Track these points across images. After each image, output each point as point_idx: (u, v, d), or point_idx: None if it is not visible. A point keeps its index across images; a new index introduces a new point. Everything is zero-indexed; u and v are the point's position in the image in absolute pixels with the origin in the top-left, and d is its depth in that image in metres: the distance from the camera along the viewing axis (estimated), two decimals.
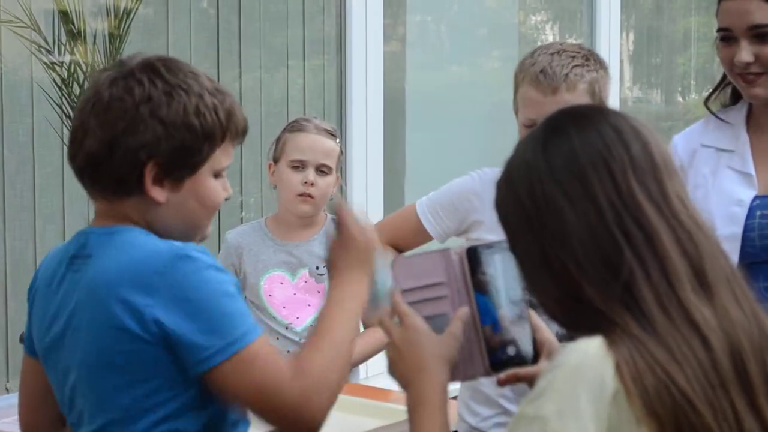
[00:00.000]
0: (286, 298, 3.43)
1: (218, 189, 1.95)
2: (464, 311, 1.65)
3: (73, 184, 2.01)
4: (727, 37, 2.54)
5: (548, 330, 1.70)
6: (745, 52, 2.50)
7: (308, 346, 1.88)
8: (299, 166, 3.40)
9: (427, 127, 4.93)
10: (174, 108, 1.87)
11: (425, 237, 2.86)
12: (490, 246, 1.67)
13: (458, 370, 1.63)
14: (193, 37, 4.21)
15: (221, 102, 1.91)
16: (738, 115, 2.65)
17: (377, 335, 3.39)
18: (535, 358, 1.69)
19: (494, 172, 2.83)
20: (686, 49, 7.20)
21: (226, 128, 1.92)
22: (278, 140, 3.48)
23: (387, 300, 2.16)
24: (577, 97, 2.62)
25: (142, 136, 1.85)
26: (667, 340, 1.43)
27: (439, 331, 1.64)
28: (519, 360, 1.67)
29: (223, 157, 1.94)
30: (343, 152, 3.54)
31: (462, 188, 2.82)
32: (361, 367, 3.77)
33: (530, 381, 1.67)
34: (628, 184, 1.50)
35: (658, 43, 7.08)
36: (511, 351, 1.65)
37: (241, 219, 4.30)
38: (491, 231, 2.76)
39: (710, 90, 2.74)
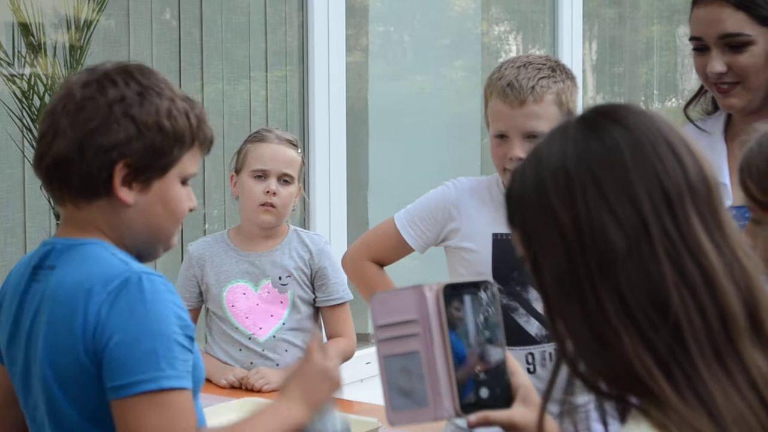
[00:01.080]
0: (249, 308, 3.43)
1: (184, 196, 1.97)
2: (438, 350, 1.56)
3: (34, 197, 2.01)
4: (699, 47, 2.53)
5: (525, 375, 1.63)
6: (717, 62, 2.49)
7: (238, 424, 1.90)
8: (261, 175, 3.41)
9: (390, 137, 4.93)
10: (146, 108, 1.88)
11: (406, 249, 2.89)
12: (467, 284, 1.61)
13: (428, 410, 1.58)
14: (154, 48, 4.20)
15: (192, 108, 1.95)
16: (716, 123, 2.65)
17: (336, 348, 3.39)
18: (509, 401, 1.62)
19: (469, 181, 2.88)
20: (649, 58, 7.23)
21: (196, 133, 1.95)
22: (240, 151, 3.49)
23: None
24: (545, 108, 2.68)
25: (114, 135, 1.86)
26: (719, 406, 1.25)
27: (410, 368, 1.58)
28: (492, 402, 1.60)
29: (190, 163, 1.96)
30: (305, 162, 3.54)
31: (438, 198, 2.85)
32: None
33: (501, 425, 1.61)
34: (686, 213, 1.30)
35: (621, 53, 7.10)
36: (483, 393, 1.59)
37: (204, 231, 4.29)
38: (467, 239, 2.81)
39: (689, 98, 2.74)
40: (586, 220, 1.31)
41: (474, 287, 1.61)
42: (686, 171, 1.32)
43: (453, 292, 1.58)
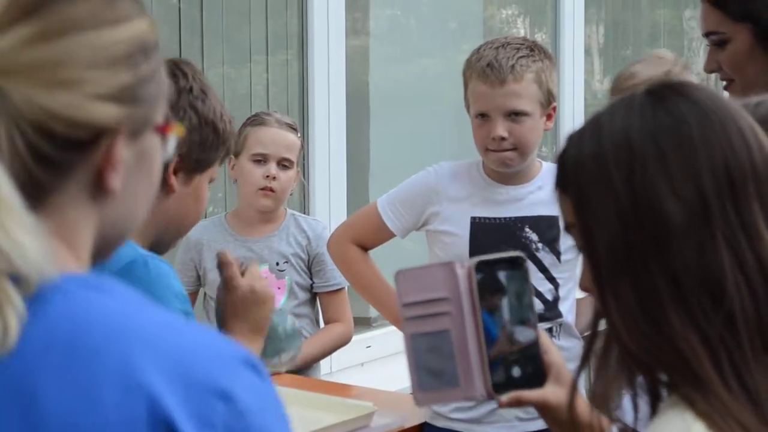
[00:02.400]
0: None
1: (207, 196, 2.05)
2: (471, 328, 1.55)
3: None
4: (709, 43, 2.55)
5: (557, 353, 1.61)
6: (709, 59, 2.51)
7: None
8: (261, 159, 3.40)
9: (392, 121, 4.91)
10: (208, 105, 1.97)
11: (387, 233, 2.91)
12: (499, 260, 1.58)
13: (458, 390, 1.56)
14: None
15: (232, 121, 2.05)
16: None
17: (332, 333, 3.39)
18: (542, 381, 1.59)
19: (450, 165, 2.90)
20: (655, 41, 7.21)
21: (231, 143, 2.06)
22: (239, 134, 3.46)
23: (291, 341, 2.14)
24: (525, 86, 2.73)
25: (180, 121, 1.91)
26: (764, 399, 1.22)
27: (440, 347, 1.55)
28: (524, 382, 1.58)
29: (218, 168, 2.05)
30: (303, 147, 3.52)
31: (418, 183, 2.89)
32: (325, 362, 3.77)
33: (534, 404, 1.59)
34: (748, 197, 1.27)
35: (628, 36, 7.08)
36: (515, 372, 1.57)
37: (206, 213, 4.28)
38: (445, 222, 2.83)
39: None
40: (643, 193, 1.27)
41: (506, 263, 1.58)
42: (752, 155, 1.28)
43: (485, 269, 1.55)
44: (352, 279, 3.07)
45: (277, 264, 3.43)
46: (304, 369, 3.39)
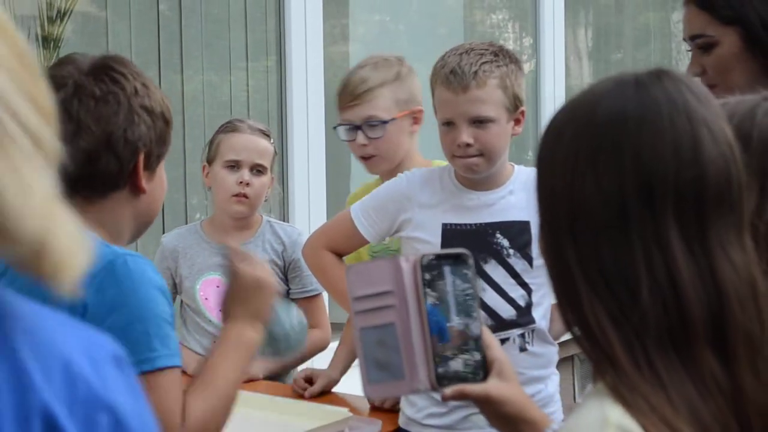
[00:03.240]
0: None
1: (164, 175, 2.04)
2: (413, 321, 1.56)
3: None
4: (688, 49, 2.50)
5: (500, 348, 1.62)
6: (692, 64, 2.45)
7: (194, 391, 1.90)
8: (234, 165, 3.39)
9: None
10: (153, 99, 1.95)
11: (360, 240, 2.91)
12: (444, 256, 1.59)
13: (403, 382, 1.57)
14: (133, 39, 4.19)
15: (164, 95, 2.02)
16: None
17: (315, 337, 3.39)
18: (485, 376, 1.61)
19: (421, 172, 2.90)
20: (645, 44, 7.21)
21: (172, 119, 2.03)
22: (212, 142, 3.47)
23: (299, 336, 2.15)
24: (489, 92, 2.73)
25: (138, 128, 1.91)
26: (671, 389, 1.25)
27: (386, 340, 1.57)
28: (466, 376, 1.59)
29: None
30: (276, 152, 3.52)
31: (390, 190, 2.89)
32: (302, 367, 3.75)
33: (476, 398, 1.60)
34: (664, 211, 1.28)
35: (616, 39, 7.09)
36: (458, 365, 1.58)
37: (186, 220, 4.28)
38: (417, 229, 2.83)
39: None
40: (573, 180, 1.30)
41: (451, 258, 1.59)
42: (682, 172, 1.28)
43: (430, 264, 1.57)
44: (327, 285, 3.07)
45: None
46: (281, 375, 3.38)
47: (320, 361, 3.91)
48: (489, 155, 2.75)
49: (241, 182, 3.37)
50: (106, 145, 1.90)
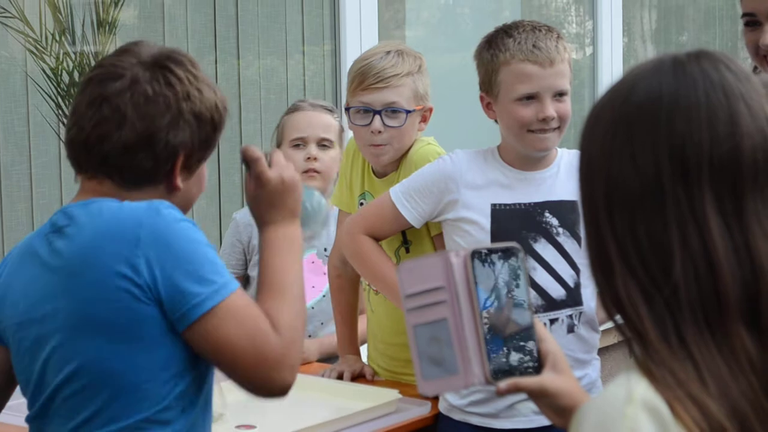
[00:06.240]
0: None
1: (206, 173, 2.07)
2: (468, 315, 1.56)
3: (70, 174, 2.05)
4: (751, 22, 2.52)
5: (553, 340, 1.61)
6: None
7: (272, 298, 1.93)
8: (300, 144, 3.39)
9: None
10: (205, 104, 1.98)
11: (402, 223, 2.90)
12: (495, 249, 1.58)
13: (458, 377, 1.57)
14: (189, 22, 4.22)
15: (222, 98, 2.05)
16: None
17: (362, 327, 3.35)
18: (539, 368, 1.60)
19: (466, 153, 2.89)
20: (710, 27, 7.14)
21: (225, 122, 2.05)
22: (278, 127, 3.49)
23: (321, 217, 2.19)
24: (566, 67, 2.82)
25: (182, 132, 1.95)
26: (702, 365, 1.25)
27: (439, 336, 1.57)
28: (521, 369, 1.58)
29: None
30: (344, 129, 3.48)
31: (435, 171, 2.87)
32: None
33: (531, 392, 1.59)
34: (700, 186, 1.28)
35: (681, 21, 7.02)
36: (513, 359, 1.57)
37: (241, 203, 4.31)
38: (465, 209, 2.83)
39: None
40: (611, 154, 1.31)
41: (502, 252, 1.59)
42: (717, 145, 1.28)
43: (481, 258, 1.56)
44: (365, 271, 3.01)
45: (325, 249, 3.42)
46: (334, 357, 3.39)
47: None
48: (563, 127, 2.83)
49: (309, 158, 3.36)
50: (146, 144, 1.94)
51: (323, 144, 3.39)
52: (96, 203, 1.92)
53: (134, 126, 1.93)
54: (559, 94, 2.78)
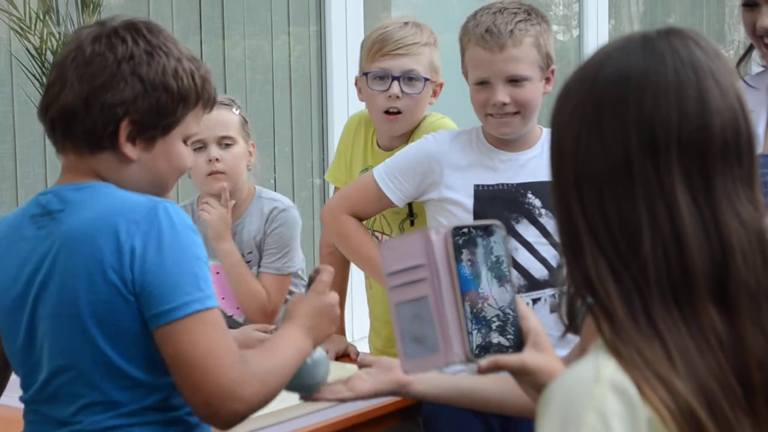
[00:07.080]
0: (223, 289, 3.25)
1: (186, 153, 2.01)
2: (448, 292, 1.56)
3: (54, 153, 2.03)
4: (749, 3, 2.50)
5: (535, 318, 1.62)
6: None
7: (258, 349, 1.94)
8: (201, 146, 3.21)
9: None
10: (154, 67, 1.92)
11: (385, 203, 2.90)
12: (476, 227, 1.58)
13: (439, 355, 1.56)
14: (174, 2, 4.20)
15: (197, 68, 1.99)
16: (763, 79, 2.63)
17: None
18: (520, 346, 1.60)
19: (449, 133, 2.89)
20: (697, 8, 7.14)
21: (200, 93, 1.99)
22: None
23: (317, 369, 2.14)
24: (524, 51, 2.73)
25: (120, 92, 1.90)
26: (669, 342, 1.25)
27: (421, 314, 1.57)
28: (502, 347, 1.59)
29: (193, 122, 2.00)
30: (247, 121, 3.32)
31: (419, 151, 2.87)
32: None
33: (512, 370, 1.60)
34: (669, 164, 1.28)
35: (669, 3, 7.02)
36: (494, 337, 1.58)
37: None
38: (449, 189, 2.82)
39: (740, 56, 2.70)
40: (579, 134, 1.32)
41: (483, 230, 1.59)
42: (686, 123, 1.28)
43: (461, 235, 1.56)
44: (350, 250, 3.01)
45: (244, 255, 3.27)
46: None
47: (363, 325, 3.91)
48: (524, 113, 2.76)
49: (210, 160, 3.20)
50: (84, 104, 1.90)
51: (224, 143, 3.22)
52: (94, 189, 1.91)
53: (73, 87, 1.90)
54: (515, 80, 2.74)
